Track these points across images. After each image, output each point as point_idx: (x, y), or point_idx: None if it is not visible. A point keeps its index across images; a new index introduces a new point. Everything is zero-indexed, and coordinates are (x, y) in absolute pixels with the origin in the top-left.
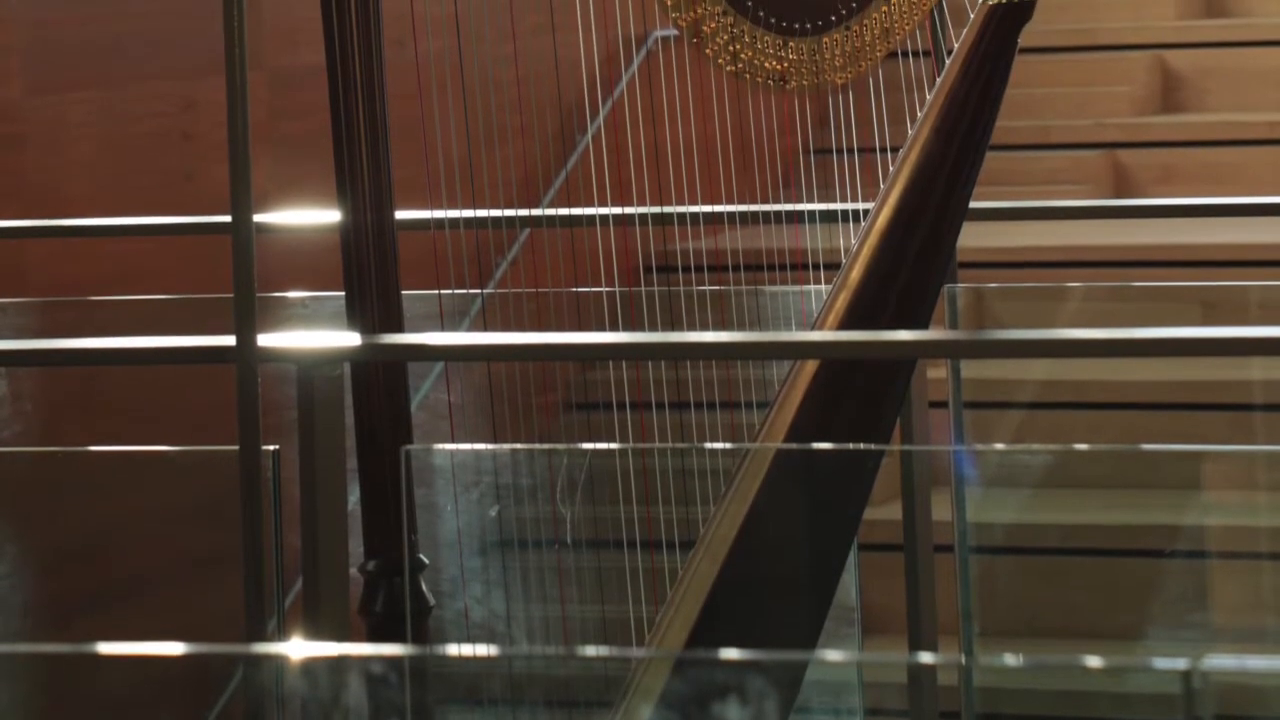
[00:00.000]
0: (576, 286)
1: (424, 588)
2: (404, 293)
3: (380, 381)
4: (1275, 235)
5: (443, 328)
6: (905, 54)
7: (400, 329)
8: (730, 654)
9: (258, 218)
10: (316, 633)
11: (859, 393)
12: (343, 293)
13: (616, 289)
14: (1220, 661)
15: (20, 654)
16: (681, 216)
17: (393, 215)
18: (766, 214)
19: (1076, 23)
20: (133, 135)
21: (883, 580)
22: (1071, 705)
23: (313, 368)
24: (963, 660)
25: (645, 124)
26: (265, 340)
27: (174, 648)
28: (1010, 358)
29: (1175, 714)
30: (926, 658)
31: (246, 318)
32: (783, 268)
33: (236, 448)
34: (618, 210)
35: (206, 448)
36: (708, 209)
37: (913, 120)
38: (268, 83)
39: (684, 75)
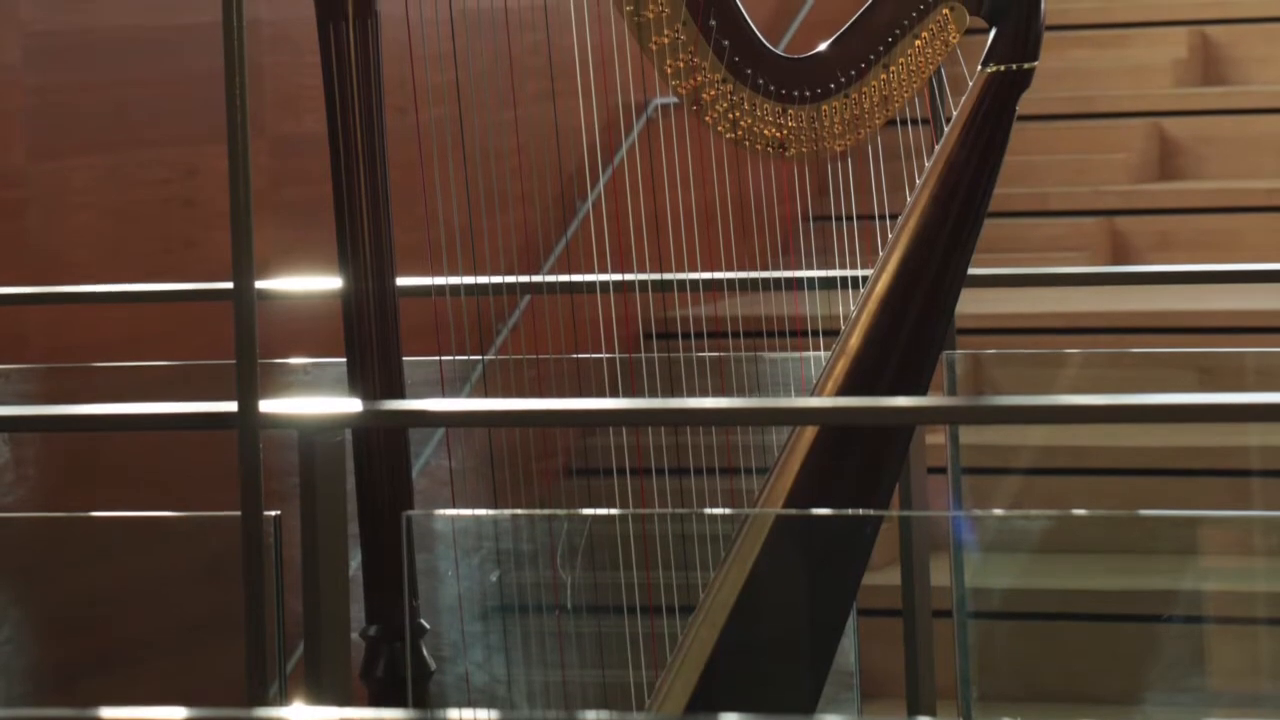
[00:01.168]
0: (577, 353)
1: (425, 652)
2: (405, 359)
3: (381, 447)
4: (1272, 302)
5: (444, 394)
6: (904, 121)
7: (401, 395)
8: (730, 719)
9: (260, 284)
10: (318, 697)
11: (858, 458)
12: (344, 359)
13: (617, 355)
14: None
15: (23, 719)
16: (681, 283)
17: (394, 282)
18: (766, 281)
19: (1074, 90)
20: (135, 201)
21: (882, 645)
22: None
23: (314, 433)
24: None
25: (645, 191)
26: (267, 406)
27: (176, 712)
28: (1008, 424)
29: None
30: None
31: (248, 384)
32: (782, 334)
33: (238, 513)
34: (618, 277)
35: (209, 513)
36: (707, 276)
37: (911, 187)
38: (270, 150)
39: (684, 142)
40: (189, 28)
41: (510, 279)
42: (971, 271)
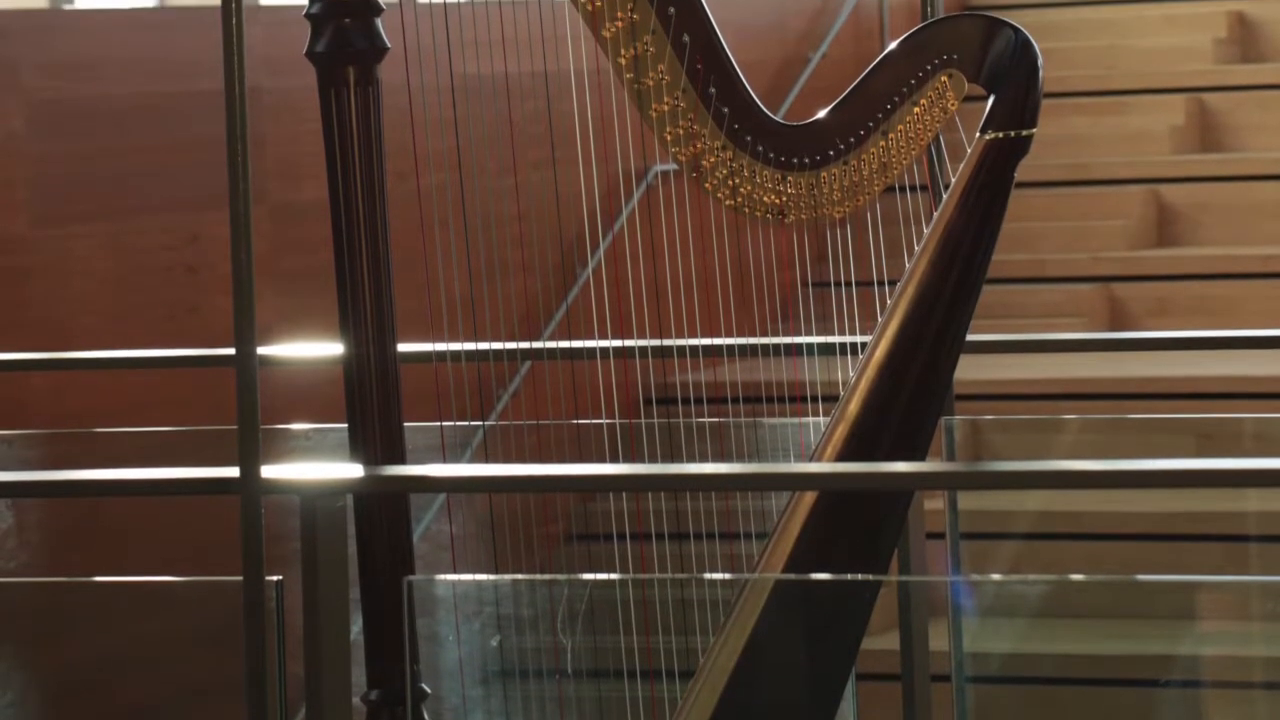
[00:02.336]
0: (577, 419)
1: (426, 717)
2: (406, 424)
3: (382, 512)
4: (1269, 368)
5: (444, 459)
6: (903, 188)
7: (402, 461)
8: None
9: (261, 350)
10: None
11: (857, 524)
12: (346, 424)
13: (617, 421)
14: None
15: None
16: (681, 349)
17: (395, 347)
18: (765, 347)
19: (1072, 157)
20: (138, 268)
21: (880, 709)
22: None
23: (316, 499)
24: None
25: (645, 257)
26: (269, 472)
27: None
28: (1007, 489)
29: None
30: None
31: (250, 449)
32: (782, 400)
33: (240, 578)
34: (618, 343)
35: (211, 578)
36: (707, 342)
37: (910, 254)
38: (271, 216)
39: (684, 209)
40: (191, 95)
41: (511, 345)
42: (970, 337)
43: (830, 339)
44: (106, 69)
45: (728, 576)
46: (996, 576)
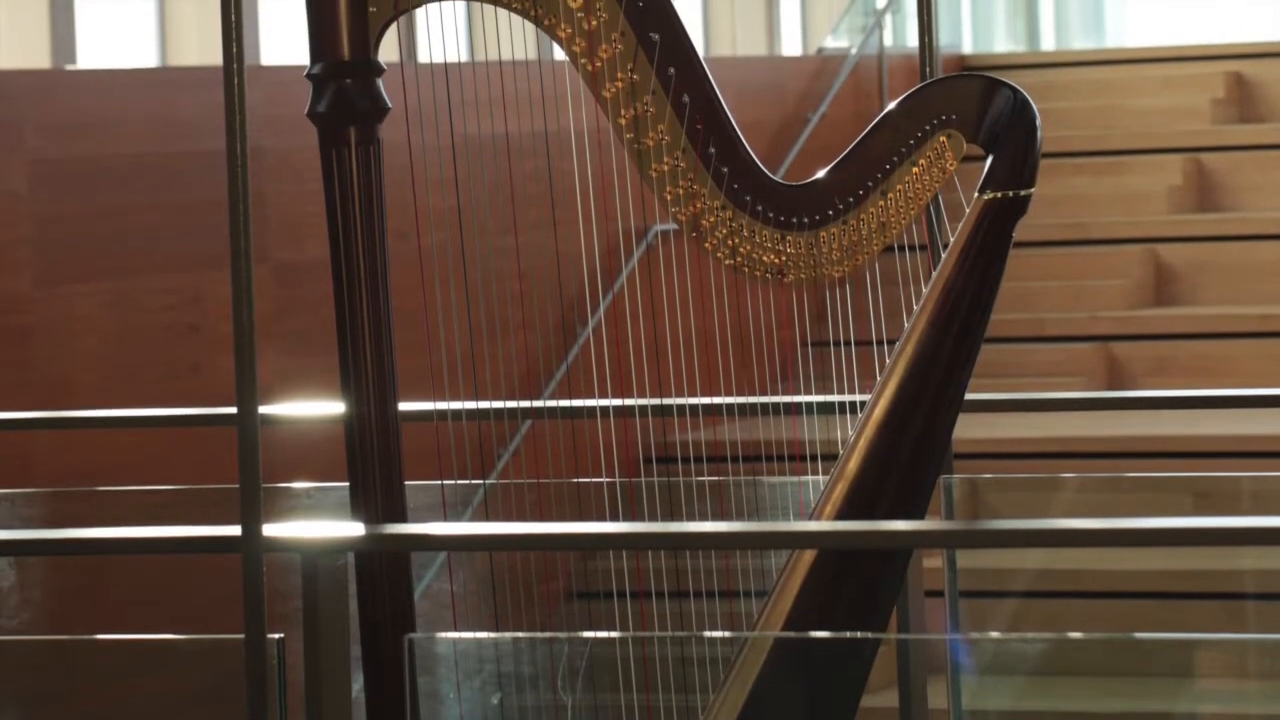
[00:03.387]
0: (577, 477)
1: None
2: (407, 483)
3: (384, 570)
4: (1267, 427)
5: (445, 518)
6: (902, 248)
7: (403, 519)
8: None
9: (263, 409)
10: None
11: (856, 582)
12: (347, 483)
13: (617, 479)
14: None
15: None
16: (681, 408)
17: (396, 407)
18: (765, 406)
19: (1071, 217)
20: (140, 327)
21: None
22: None
23: (317, 557)
24: None
25: (645, 316)
26: (271, 530)
27: None
28: (1005, 547)
29: None
30: None
31: (252, 508)
32: (781, 458)
33: (242, 635)
34: (618, 402)
35: (212, 636)
36: (707, 401)
37: (909, 313)
38: (273, 276)
39: (684, 268)
40: (193, 155)
41: (511, 404)
42: (969, 396)
43: (829, 398)
44: (109, 129)
45: (727, 634)
46: (995, 634)
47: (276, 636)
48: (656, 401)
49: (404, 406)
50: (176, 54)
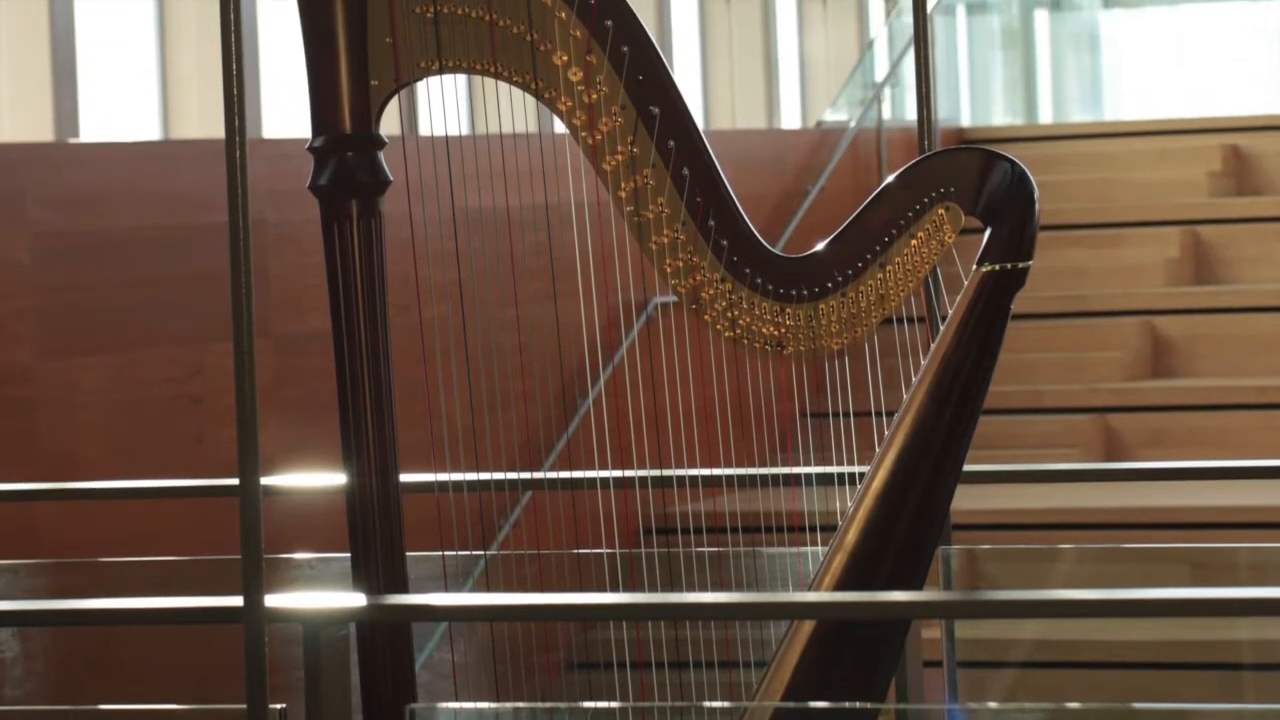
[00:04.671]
0: (578, 548)
1: None
2: (408, 554)
3: (385, 641)
4: (1263, 498)
5: (446, 589)
6: (900, 320)
7: (405, 590)
8: None
9: (265, 480)
10: None
11: (855, 652)
12: (348, 554)
13: (617, 550)
14: None
15: None
16: (681, 479)
17: (397, 478)
18: (764, 477)
19: (1068, 289)
20: (142, 399)
21: None
22: None
23: (319, 627)
24: None
25: (645, 388)
26: (272, 600)
27: None
28: (1004, 618)
29: None
30: None
31: (254, 578)
32: (780, 530)
33: (244, 706)
34: (618, 473)
35: (215, 706)
36: (707, 472)
37: (908, 385)
38: (275, 348)
39: (683, 340)
40: (195, 227)
41: (512, 475)
42: (967, 468)
43: (829, 469)
44: (111, 201)
45: (727, 705)
46: (993, 705)
47: (279, 707)
48: (656, 473)
49: (405, 478)
50: (178, 127)
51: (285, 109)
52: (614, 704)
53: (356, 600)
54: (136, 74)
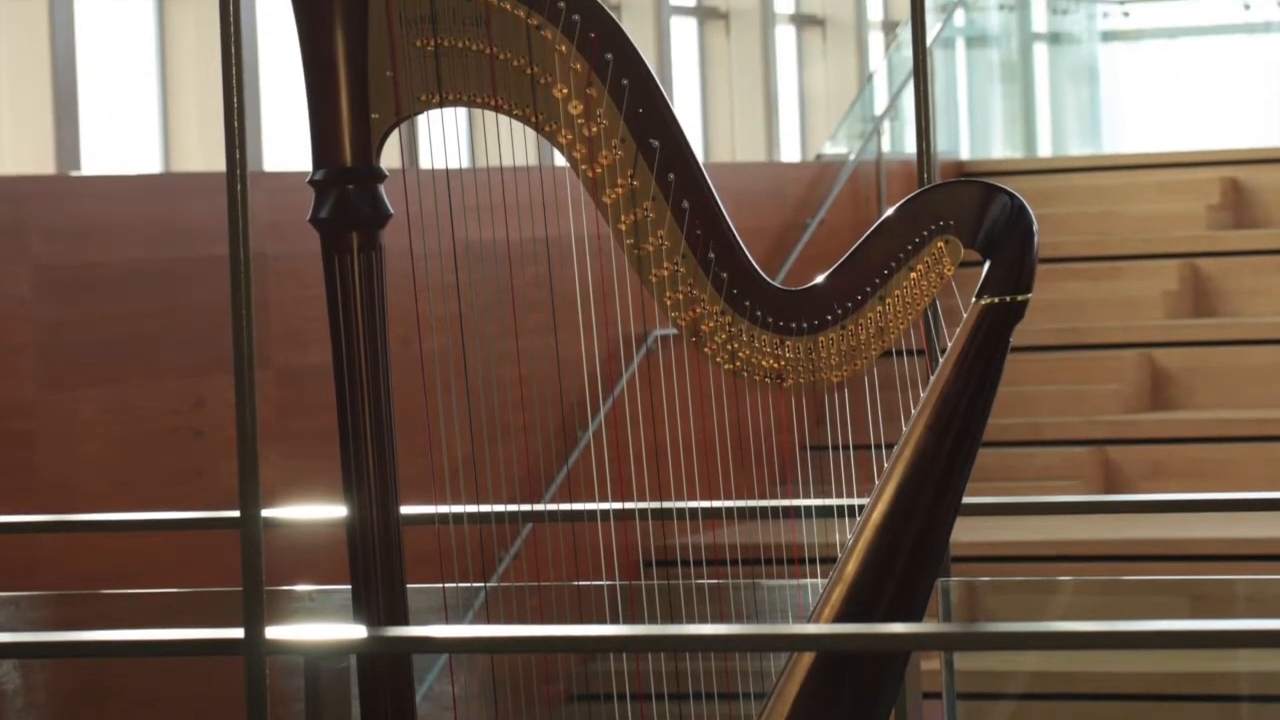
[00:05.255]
0: (578, 580)
1: None
2: (409, 586)
3: (386, 673)
4: (1261, 530)
5: (447, 620)
6: (900, 352)
7: (405, 622)
8: None
9: (266, 513)
10: None
11: (855, 684)
12: (349, 586)
13: (617, 582)
14: None
15: None
16: (681, 512)
17: (398, 510)
18: (764, 510)
19: (1067, 322)
20: (144, 432)
21: None
22: None
23: (320, 659)
24: None
25: (645, 421)
26: (273, 632)
27: None
28: (1003, 650)
29: None
30: None
31: (255, 611)
32: (780, 562)
33: None
34: (618, 505)
35: None
36: (707, 504)
37: (907, 417)
38: (276, 381)
39: (683, 373)
40: (196, 260)
41: (512, 507)
42: (966, 500)
43: (828, 502)
44: (113, 234)
45: None
46: None
47: None
48: (656, 505)
49: (406, 510)
50: (180, 160)
51: (286, 142)
52: None
53: (357, 632)
54: (138, 107)
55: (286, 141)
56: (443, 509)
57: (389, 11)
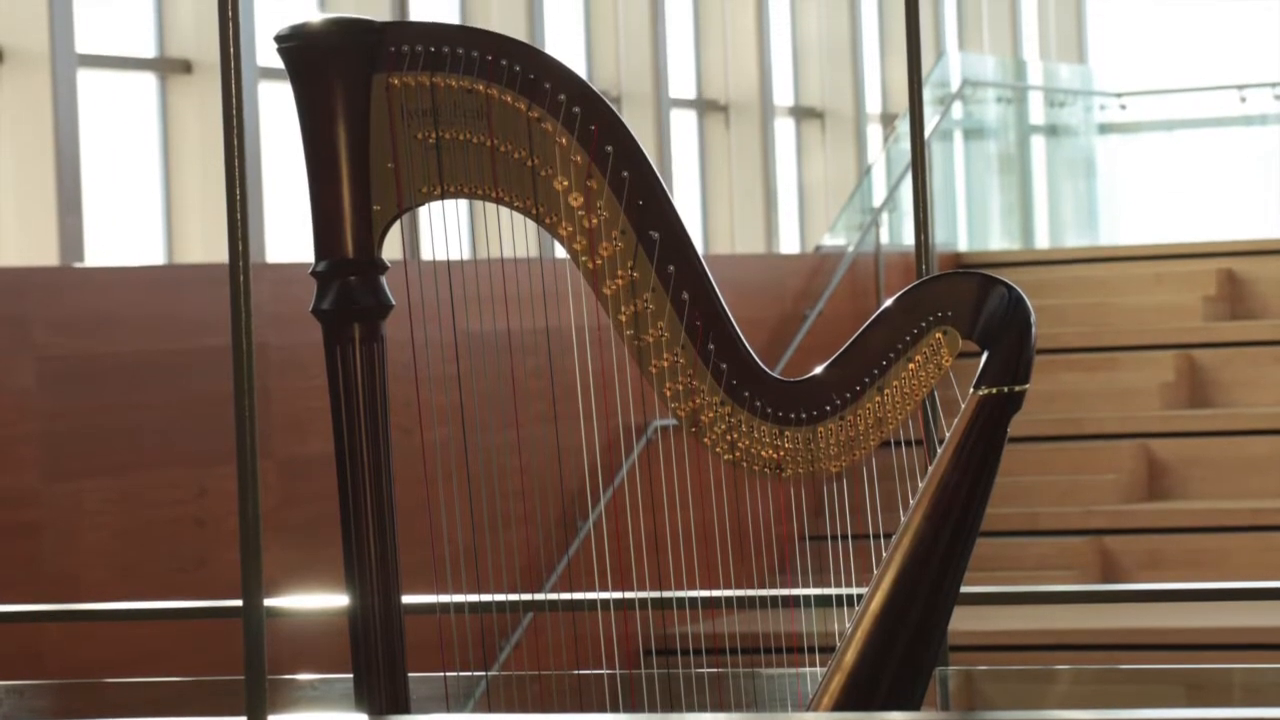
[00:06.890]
0: (578, 669)
1: None
2: (410, 675)
3: None
4: (1259, 619)
5: (448, 710)
6: (898, 443)
7: (407, 711)
8: None
9: (268, 602)
10: None
11: None
12: (351, 675)
13: (617, 671)
14: None
15: None
16: (681, 601)
17: (399, 599)
18: (763, 599)
19: (1065, 412)
20: (147, 521)
21: None
22: None
23: None
24: None
25: (645, 510)
26: None
27: None
28: None
29: None
30: None
31: (257, 699)
32: (779, 651)
33: None
34: (618, 595)
35: None
36: (706, 594)
37: (905, 507)
38: (278, 470)
39: (683, 463)
40: (198, 351)
41: (513, 597)
42: (964, 589)
43: (827, 591)
44: (116, 326)
45: None
46: None
47: None
48: (656, 594)
49: (407, 598)
50: (182, 252)
51: (288, 233)
52: None
53: None
54: (140, 199)
55: (289, 233)
56: (444, 598)
57: (391, 104)
